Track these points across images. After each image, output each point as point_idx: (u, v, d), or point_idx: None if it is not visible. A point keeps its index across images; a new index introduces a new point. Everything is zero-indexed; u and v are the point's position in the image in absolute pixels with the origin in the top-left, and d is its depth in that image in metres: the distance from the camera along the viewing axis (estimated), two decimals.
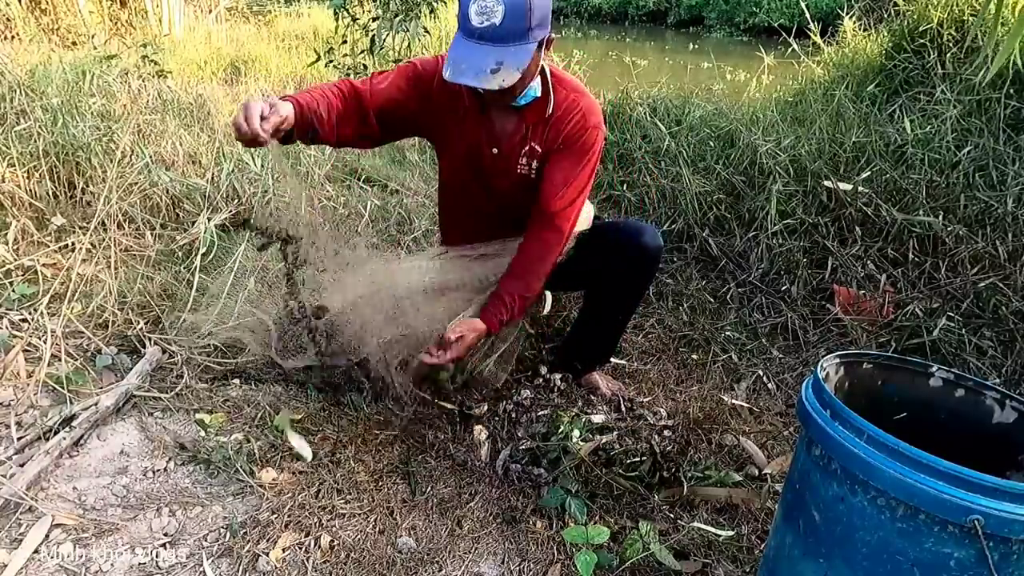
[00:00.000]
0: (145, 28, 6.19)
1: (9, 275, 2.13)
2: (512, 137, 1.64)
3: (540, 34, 1.44)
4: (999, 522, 0.82)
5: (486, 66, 1.40)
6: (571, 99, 1.61)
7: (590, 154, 1.63)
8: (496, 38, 1.40)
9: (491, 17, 1.38)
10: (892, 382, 1.17)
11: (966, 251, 2.23)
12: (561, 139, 1.62)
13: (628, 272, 1.76)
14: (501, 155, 1.65)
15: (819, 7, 10.08)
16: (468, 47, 1.43)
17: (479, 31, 1.41)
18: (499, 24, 1.38)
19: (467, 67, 1.42)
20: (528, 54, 1.42)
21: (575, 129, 1.61)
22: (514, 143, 1.64)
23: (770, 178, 2.67)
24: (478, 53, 1.41)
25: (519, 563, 1.35)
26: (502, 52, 1.40)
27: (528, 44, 1.41)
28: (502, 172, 1.67)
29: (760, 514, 1.47)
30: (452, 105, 1.63)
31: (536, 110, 1.61)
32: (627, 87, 3.84)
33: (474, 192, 1.74)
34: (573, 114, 1.61)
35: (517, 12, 1.38)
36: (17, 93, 2.87)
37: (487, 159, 1.67)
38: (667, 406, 1.84)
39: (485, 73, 1.40)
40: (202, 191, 2.67)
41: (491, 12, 1.38)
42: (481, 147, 1.66)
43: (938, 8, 3.47)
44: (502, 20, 1.38)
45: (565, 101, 1.61)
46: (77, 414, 1.61)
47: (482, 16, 1.39)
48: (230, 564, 1.30)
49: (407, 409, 1.76)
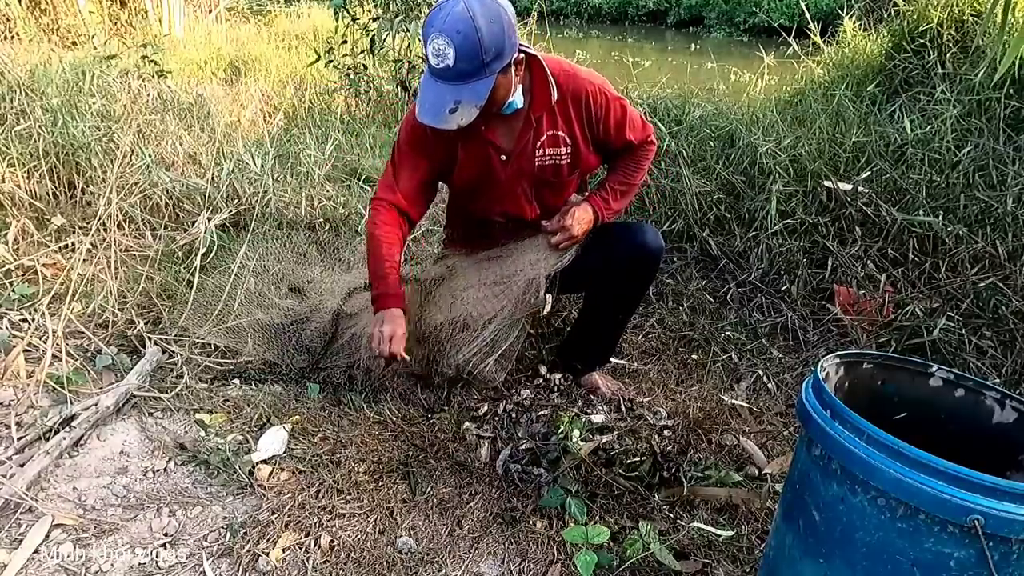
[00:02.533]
0: (145, 28, 6.19)
1: (9, 275, 2.13)
2: (521, 138, 1.66)
3: (498, 65, 1.44)
4: (999, 522, 0.82)
5: (445, 107, 1.44)
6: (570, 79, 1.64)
7: (617, 103, 1.69)
8: (452, 78, 1.43)
9: (444, 59, 1.41)
10: (892, 382, 1.17)
11: (966, 251, 2.22)
12: (589, 117, 1.66)
13: (629, 272, 1.76)
14: (512, 160, 1.68)
15: (819, 7, 10.06)
16: (430, 86, 1.47)
17: (437, 72, 1.44)
18: (452, 65, 1.40)
19: (428, 107, 1.47)
20: (485, 90, 1.44)
21: (594, 100, 1.64)
22: (524, 143, 1.66)
23: (770, 178, 2.67)
24: (438, 93, 1.45)
25: (519, 563, 1.35)
26: (459, 90, 1.43)
27: (486, 79, 1.43)
28: (517, 173, 1.70)
29: (760, 514, 1.47)
30: (451, 135, 1.64)
31: (540, 103, 1.63)
32: (627, 87, 3.83)
33: (488, 199, 1.76)
34: (580, 90, 1.63)
35: (468, 52, 1.39)
36: (17, 93, 2.87)
37: (497, 169, 1.69)
38: (667, 406, 1.84)
39: (443, 114, 1.45)
40: (202, 191, 2.67)
41: (444, 54, 1.40)
42: (491, 159, 1.68)
43: (938, 8, 3.47)
44: (455, 61, 1.40)
45: (565, 84, 1.63)
46: (77, 414, 1.61)
47: (437, 58, 1.42)
48: (230, 564, 1.30)
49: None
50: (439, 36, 1.38)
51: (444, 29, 1.37)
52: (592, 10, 16.83)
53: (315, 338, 1.92)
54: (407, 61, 4.51)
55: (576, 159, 1.70)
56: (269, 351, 1.92)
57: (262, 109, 4.26)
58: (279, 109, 4.23)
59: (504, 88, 1.51)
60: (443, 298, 1.81)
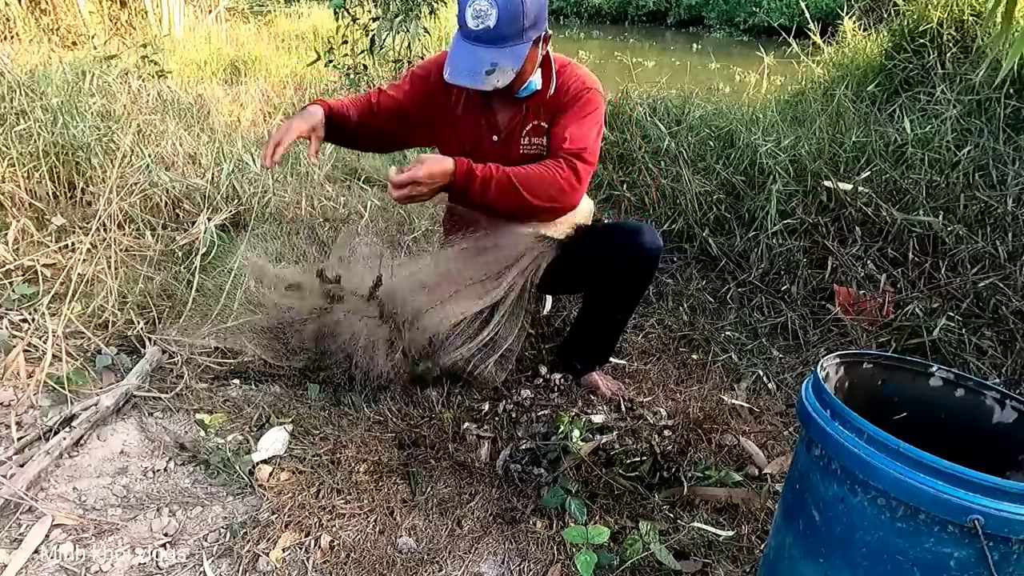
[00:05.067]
0: (145, 28, 6.19)
1: (9, 275, 2.13)
2: (511, 122, 1.69)
3: (535, 33, 1.48)
4: (999, 522, 0.82)
5: (481, 68, 1.45)
6: (569, 76, 1.66)
7: (591, 110, 1.63)
8: (491, 40, 1.45)
9: (486, 20, 1.43)
10: (892, 382, 1.17)
11: (966, 251, 2.23)
12: (562, 105, 1.66)
13: (627, 273, 1.76)
14: (501, 141, 1.70)
15: (819, 7, 10.06)
16: (465, 48, 1.48)
17: (475, 33, 1.45)
18: (493, 27, 1.43)
19: (464, 69, 1.47)
20: (523, 54, 1.47)
21: (572, 94, 1.65)
22: (513, 127, 1.69)
23: (770, 178, 2.67)
24: (474, 55, 1.46)
25: (519, 563, 1.35)
26: (497, 53, 1.46)
27: (523, 44, 1.47)
28: (502, 158, 1.69)
29: (760, 514, 1.47)
30: (454, 101, 1.68)
31: (538, 93, 1.66)
32: (627, 87, 3.83)
33: None
34: (570, 84, 1.66)
35: (511, 14, 1.43)
36: (17, 93, 2.87)
37: (487, 146, 1.71)
38: (667, 406, 1.84)
39: (480, 75, 1.46)
40: (202, 191, 2.67)
41: (485, 15, 1.43)
42: (482, 137, 1.71)
43: (938, 8, 3.47)
44: (496, 22, 1.43)
45: (565, 80, 1.66)
46: (77, 414, 1.61)
47: (477, 19, 1.44)
48: (230, 564, 1.30)
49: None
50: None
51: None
52: (592, 10, 16.84)
53: (314, 338, 1.91)
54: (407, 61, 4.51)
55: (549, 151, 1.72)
56: (268, 351, 1.92)
57: (262, 109, 4.26)
58: (279, 109, 4.23)
59: (531, 63, 1.53)
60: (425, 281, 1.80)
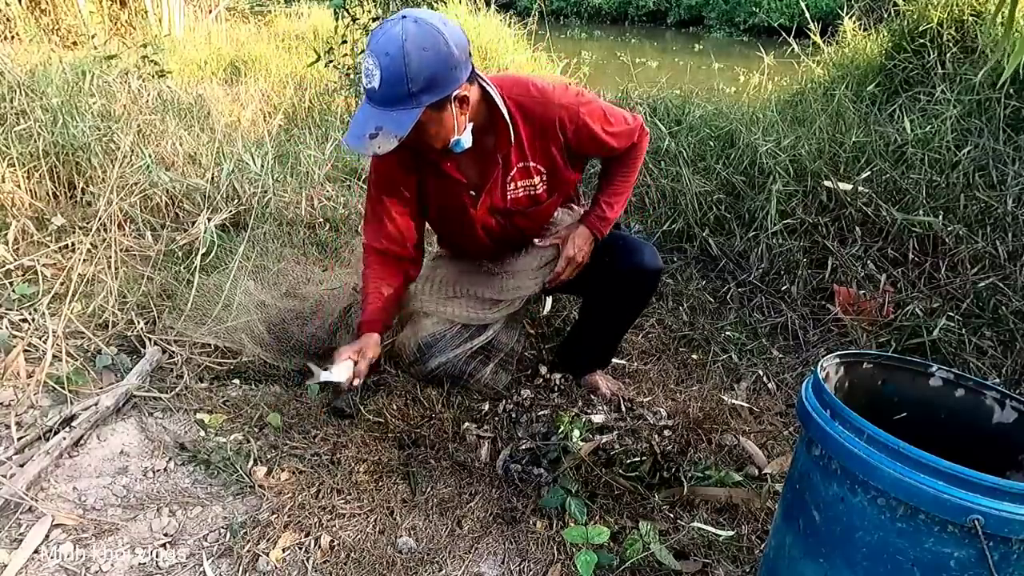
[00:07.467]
0: (145, 28, 6.18)
1: (9, 275, 2.13)
2: (489, 174, 1.59)
3: (429, 98, 1.33)
4: (999, 522, 0.82)
5: (366, 130, 1.34)
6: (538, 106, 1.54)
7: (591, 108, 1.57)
8: (379, 101, 1.34)
9: (371, 80, 1.32)
10: (892, 382, 1.17)
11: (966, 251, 2.23)
12: (566, 148, 1.59)
13: (625, 290, 1.77)
14: (486, 191, 1.62)
15: (819, 7, 10.06)
16: (362, 109, 1.38)
17: (367, 92, 1.35)
18: (377, 88, 1.32)
19: (353, 131, 1.37)
20: (408, 121, 1.33)
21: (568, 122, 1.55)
22: (494, 178, 1.60)
23: (770, 178, 2.67)
24: (365, 115, 1.36)
25: (519, 563, 1.35)
26: (382, 116, 1.34)
27: (412, 109, 1.33)
28: (487, 210, 1.66)
29: (760, 514, 1.47)
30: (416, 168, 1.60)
31: (503, 140, 1.54)
32: (627, 87, 3.84)
33: (466, 233, 1.73)
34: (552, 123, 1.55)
35: (392, 77, 1.30)
36: (17, 93, 2.87)
37: (468, 204, 1.64)
38: (667, 406, 1.84)
39: (364, 138, 1.34)
40: (202, 191, 2.67)
41: (371, 75, 1.32)
42: (460, 195, 1.63)
43: (938, 8, 3.46)
44: (379, 84, 1.31)
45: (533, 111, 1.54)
46: (77, 414, 1.61)
47: (367, 78, 1.33)
48: (230, 564, 1.30)
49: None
50: (370, 55, 1.31)
51: (375, 49, 1.30)
52: (592, 10, 16.82)
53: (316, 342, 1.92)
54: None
55: (555, 183, 1.65)
56: (268, 352, 1.91)
57: (262, 109, 4.26)
58: (279, 109, 4.23)
59: (441, 125, 1.40)
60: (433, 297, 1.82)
